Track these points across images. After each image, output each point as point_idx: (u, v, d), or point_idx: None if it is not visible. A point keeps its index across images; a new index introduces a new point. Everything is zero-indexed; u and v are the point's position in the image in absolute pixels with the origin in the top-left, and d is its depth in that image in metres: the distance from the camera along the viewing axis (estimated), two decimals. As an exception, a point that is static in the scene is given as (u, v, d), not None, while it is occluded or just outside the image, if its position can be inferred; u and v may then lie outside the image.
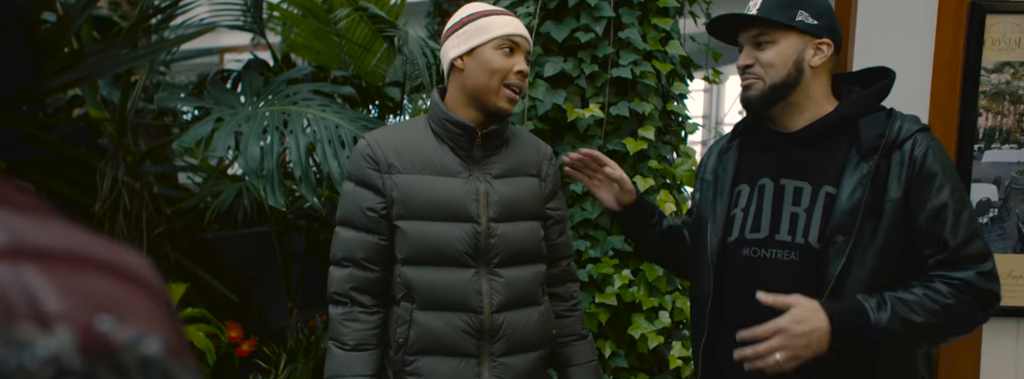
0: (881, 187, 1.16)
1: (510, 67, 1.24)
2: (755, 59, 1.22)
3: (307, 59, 3.09)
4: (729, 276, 1.29)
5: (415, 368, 1.27)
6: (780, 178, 1.25)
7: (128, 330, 0.21)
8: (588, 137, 2.05)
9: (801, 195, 1.22)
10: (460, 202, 1.25)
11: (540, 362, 1.33)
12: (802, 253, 1.20)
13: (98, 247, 0.23)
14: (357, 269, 1.28)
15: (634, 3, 2.05)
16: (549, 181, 1.36)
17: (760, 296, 1.14)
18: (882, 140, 1.17)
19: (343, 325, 1.28)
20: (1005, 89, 1.55)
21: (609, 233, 2.09)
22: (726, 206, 1.31)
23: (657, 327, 2.03)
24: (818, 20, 1.21)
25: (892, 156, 1.17)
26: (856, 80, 1.29)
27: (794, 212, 1.22)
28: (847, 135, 1.21)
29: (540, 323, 1.32)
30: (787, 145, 1.25)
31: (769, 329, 1.12)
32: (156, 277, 0.25)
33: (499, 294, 1.26)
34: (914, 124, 1.20)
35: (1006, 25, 1.53)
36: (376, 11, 2.60)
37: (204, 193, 2.61)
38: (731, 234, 1.28)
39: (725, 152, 1.37)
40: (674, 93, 2.19)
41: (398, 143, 1.28)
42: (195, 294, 2.55)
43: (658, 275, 2.06)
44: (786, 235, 1.22)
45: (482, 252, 1.26)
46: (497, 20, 1.26)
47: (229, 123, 2.09)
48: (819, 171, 1.22)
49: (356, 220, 1.28)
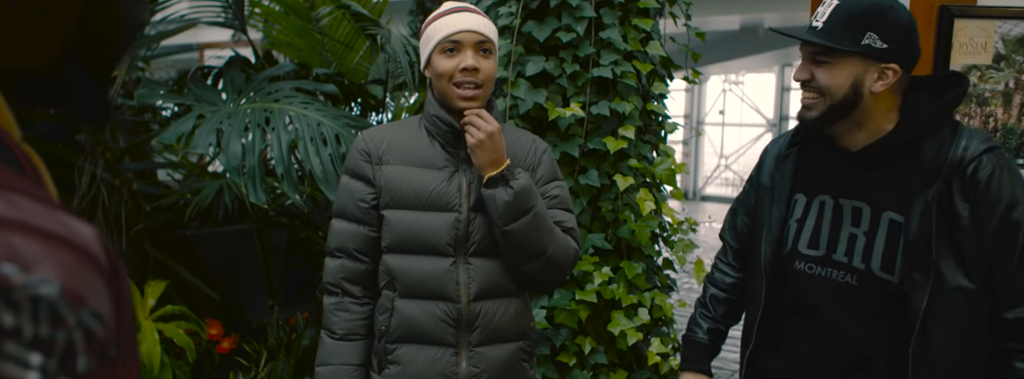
0: (950, 213, 1.11)
1: (454, 67, 1.27)
2: (811, 75, 1.16)
3: (289, 56, 3.08)
4: (789, 288, 1.27)
5: (395, 356, 1.30)
6: (839, 197, 1.21)
7: (28, 276, 0.26)
8: (569, 136, 2.08)
9: (860, 216, 1.19)
10: (442, 192, 1.29)
11: (517, 353, 1.35)
12: (861, 278, 1.17)
13: (41, 217, 0.28)
14: (349, 260, 1.32)
15: (615, 4, 2.08)
16: (541, 168, 1.38)
17: None
18: (945, 164, 1.11)
19: (334, 315, 1.33)
20: (972, 91, 1.60)
21: (589, 231, 2.11)
22: (782, 215, 1.28)
23: (636, 324, 2.06)
24: (889, 43, 1.12)
25: (954, 180, 1.11)
26: (926, 86, 1.20)
27: (853, 233, 1.19)
28: (909, 156, 1.15)
29: (517, 314, 1.34)
30: (847, 163, 1.21)
31: None
32: (98, 247, 0.31)
33: (475, 283, 1.29)
34: (981, 144, 1.12)
35: (973, 30, 1.57)
36: (359, 9, 2.60)
37: (184, 190, 2.60)
38: (786, 245, 1.26)
39: (784, 159, 1.31)
40: (654, 93, 2.22)
41: (392, 138, 1.33)
42: (175, 291, 2.53)
43: (637, 273, 2.10)
44: (843, 256, 1.19)
45: (461, 241, 1.29)
46: (438, 24, 1.30)
47: (210, 120, 2.08)
48: (879, 193, 1.17)
49: (349, 212, 1.32)
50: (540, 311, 2.04)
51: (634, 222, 2.12)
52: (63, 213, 0.30)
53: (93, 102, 0.41)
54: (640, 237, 2.11)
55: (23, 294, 0.26)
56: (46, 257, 0.27)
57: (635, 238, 2.12)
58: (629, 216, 2.13)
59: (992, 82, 1.60)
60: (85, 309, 0.28)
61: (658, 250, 2.27)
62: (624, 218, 2.12)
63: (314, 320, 2.66)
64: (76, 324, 0.27)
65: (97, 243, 0.31)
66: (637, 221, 2.13)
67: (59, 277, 0.27)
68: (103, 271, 0.30)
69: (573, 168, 2.10)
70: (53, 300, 0.26)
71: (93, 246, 0.30)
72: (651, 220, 2.13)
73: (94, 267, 0.29)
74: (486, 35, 1.29)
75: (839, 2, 1.14)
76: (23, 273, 0.26)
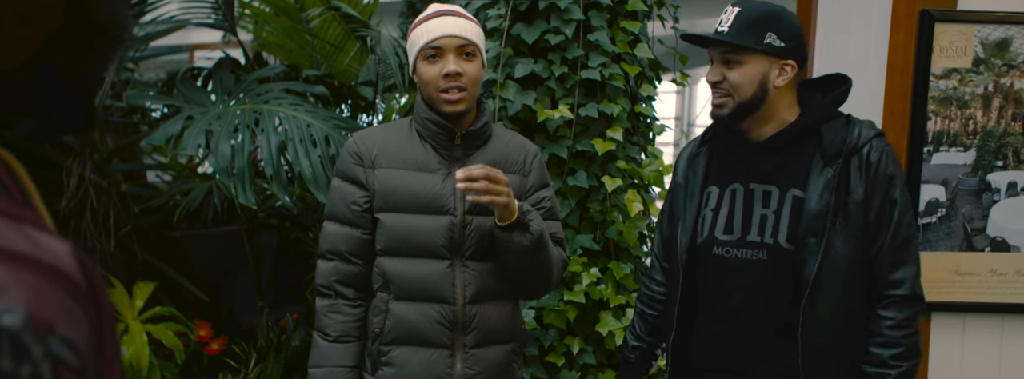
0: (845, 189, 1.26)
1: (437, 73, 1.28)
2: (723, 77, 1.29)
3: (279, 58, 3.08)
4: (700, 274, 1.36)
5: (389, 358, 1.30)
6: (750, 183, 1.33)
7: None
8: (557, 137, 2.09)
9: (770, 198, 1.31)
10: (437, 196, 1.29)
11: (511, 355, 1.37)
12: (771, 252, 1.29)
13: (10, 240, 0.27)
14: (341, 262, 1.32)
15: (603, 6, 2.09)
16: (532, 175, 1.39)
17: None
18: (844, 145, 1.26)
19: (327, 317, 1.33)
20: (952, 94, 1.62)
21: (578, 232, 2.13)
22: (696, 208, 1.38)
23: (624, 324, 2.08)
24: (786, 42, 1.28)
25: (851, 160, 1.26)
26: (816, 86, 1.37)
27: (763, 214, 1.31)
28: (810, 141, 1.30)
29: (511, 317, 1.36)
30: (756, 152, 1.34)
31: None
32: (72, 264, 0.29)
33: (472, 285, 1.30)
34: (871, 130, 1.29)
35: (953, 33, 1.60)
36: (349, 11, 2.60)
37: (173, 191, 2.59)
38: (702, 234, 1.36)
39: (695, 156, 1.44)
40: (642, 95, 2.24)
41: (383, 141, 1.33)
42: (164, 293, 2.52)
43: (625, 273, 2.11)
44: (756, 236, 1.30)
45: (457, 244, 1.29)
46: (419, 30, 1.31)
47: (200, 121, 2.08)
48: (786, 175, 1.30)
49: (341, 215, 1.33)
50: (529, 312, 2.05)
51: (622, 223, 2.14)
52: (33, 229, 0.28)
53: (73, 110, 0.40)
54: (628, 238, 2.13)
55: None
56: (10, 281, 0.25)
57: (623, 239, 2.14)
58: (617, 217, 2.14)
59: (972, 85, 1.63)
60: (54, 337, 0.26)
61: (646, 251, 2.29)
62: (612, 219, 2.14)
63: (304, 321, 2.66)
64: (43, 355, 0.25)
65: (71, 260, 0.29)
66: (625, 222, 2.15)
67: (24, 304, 0.25)
68: (78, 290, 0.28)
69: (561, 169, 2.11)
70: (16, 331, 0.24)
71: (65, 264, 0.28)
72: (639, 221, 2.15)
73: (66, 287, 0.28)
74: (467, 38, 1.28)
75: (740, 8, 1.29)
76: None
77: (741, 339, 1.32)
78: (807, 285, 1.24)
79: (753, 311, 1.31)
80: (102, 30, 0.39)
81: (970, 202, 1.66)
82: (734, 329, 1.32)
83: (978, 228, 1.67)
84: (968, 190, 1.66)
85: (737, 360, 1.33)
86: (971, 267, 1.67)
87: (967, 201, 1.66)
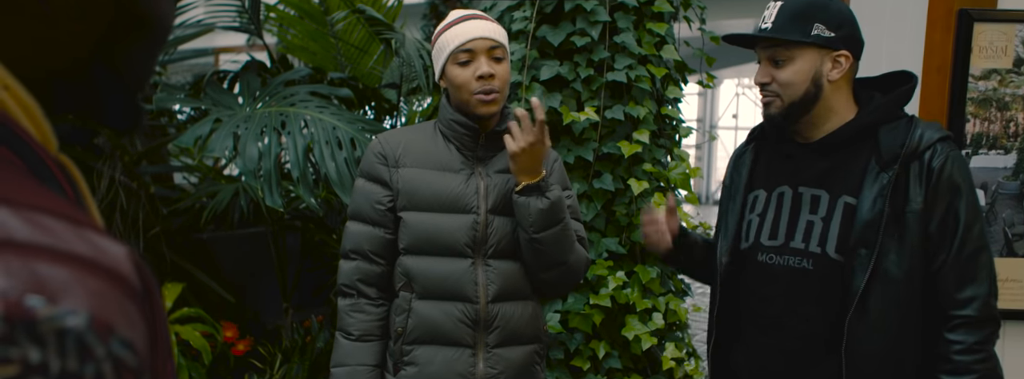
0: (902, 197, 1.15)
1: (470, 76, 1.29)
2: (772, 77, 1.21)
3: (303, 60, 3.10)
4: (745, 281, 1.30)
5: (412, 358, 1.31)
6: (799, 186, 1.25)
7: (55, 307, 0.25)
8: (583, 140, 2.08)
9: (818, 203, 1.22)
10: (460, 195, 1.30)
11: (533, 356, 1.37)
12: (817, 262, 1.20)
13: (73, 243, 0.28)
14: (364, 262, 1.33)
15: (629, 8, 2.07)
16: (552, 178, 1.40)
17: None
18: (902, 149, 1.16)
19: (349, 316, 1.34)
20: (992, 96, 1.58)
21: (603, 235, 2.11)
22: (739, 211, 1.32)
23: (651, 328, 2.06)
24: (836, 31, 1.19)
25: (912, 166, 1.16)
26: (876, 85, 1.27)
27: (810, 220, 1.22)
28: (867, 143, 1.20)
29: (532, 317, 1.36)
30: (807, 153, 1.25)
31: None
32: (130, 267, 0.30)
33: (494, 284, 1.30)
34: (936, 132, 1.17)
35: (993, 33, 1.56)
36: (373, 13, 2.61)
37: (200, 193, 2.62)
38: (747, 239, 1.29)
39: (740, 156, 1.37)
40: (668, 97, 2.21)
41: (407, 141, 1.35)
42: (191, 294, 2.55)
43: (651, 277, 2.09)
44: (800, 242, 1.22)
45: (479, 243, 1.30)
46: (449, 34, 1.31)
47: (227, 124, 2.10)
48: (838, 180, 1.21)
49: (365, 214, 1.34)
50: (554, 315, 2.04)
51: (648, 226, 2.12)
52: (92, 232, 0.29)
53: (123, 109, 0.40)
54: (654, 241, 2.11)
55: (49, 327, 0.25)
56: (74, 284, 0.26)
57: (649, 242, 2.12)
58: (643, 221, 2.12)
59: (1012, 86, 1.58)
60: (115, 338, 0.27)
61: (672, 254, 2.26)
62: (638, 222, 2.12)
63: (328, 323, 2.67)
64: (105, 355, 0.26)
65: (128, 264, 0.30)
66: (651, 225, 2.13)
67: (87, 306, 0.26)
68: (135, 293, 0.29)
69: (587, 172, 2.10)
70: (81, 332, 0.26)
71: (124, 267, 0.29)
72: (665, 224, 2.13)
73: (125, 290, 0.29)
74: (498, 40, 1.30)
75: (782, 2, 1.20)
76: (49, 305, 0.25)
77: (783, 351, 1.25)
78: (854, 298, 1.15)
79: (796, 322, 1.23)
80: (150, 26, 0.39)
81: (1011, 206, 1.61)
82: (776, 340, 1.25)
83: (1019, 233, 1.62)
84: (1009, 194, 1.61)
85: (779, 372, 1.26)
86: (1012, 273, 1.62)
87: (1008, 205, 1.62)
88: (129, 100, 0.40)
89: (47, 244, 0.27)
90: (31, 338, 0.25)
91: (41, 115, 0.35)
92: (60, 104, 0.38)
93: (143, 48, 0.39)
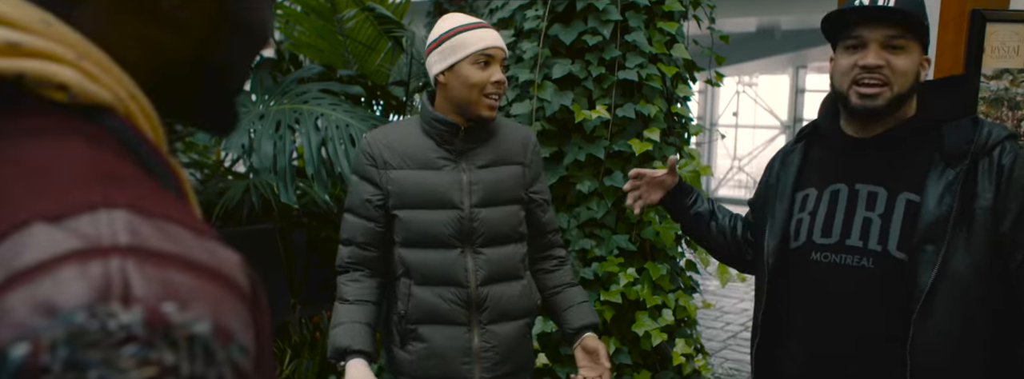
0: (970, 194, 1.12)
1: (486, 79, 1.37)
2: (887, 62, 1.14)
3: (311, 58, 3.10)
4: (794, 281, 1.26)
5: (417, 334, 1.44)
6: (855, 183, 1.21)
7: (186, 314, 0.27)
8: (595, 138, 2.09)
9: (876, 200, 1.18)
10: (445, 192, 1.40)
11: (524, 328, 1.49)
12: (878, 260, 1.16)
13: (196, 251, 0.30)
14: (358, 248, 1.47)
15: (640, 7, 2.09)
16: (533, 167, 1.50)
17: None
18: (970, 146, 1.13)
19: (345, 285, 1.47)
20: (1003, 95, 1.60)
21: (614, 232, 2.12)
22: (787, 210, 1.29)
23: (660, 324, 2.07)
24: (929, 33, 1.17)
25: (980, 163, 1.13)
26: (936, 86, 1.24)
27: (867, 217, 1.18)
28: (929, 141, 1.17)
29: (522, 295, 1.47)
30: (864, 150, 1.21)
31: None
32: (242, 275, 0.32)
33: (483, 270, 1.43)
34: (1002, 131, 1.15)
35: (1005, 33, 1.57)
36: (383, 11, 2.62)
37: (210, 190, 2.63)
38: (798, 238, 1.26)
39: (788, 154, 1.34)
40: (678, 95, 2.23)
41: (392, 141, 1.44)
42: (201, 290, 2.55)
43: (662, 274, 2.11)
44: (858, 240, 1.19)
45: (466, 234, 1.41)
46: (471, 36, 1.38)
47: (242, 121, 2.11)
48: (897, 176, 1.18)
49: (358, 208, 1.45)
50: (565, 312, 2.06)
51: (658, 224, 2.13)
52: (210, 240, 0.31)
53: (221, 113, 0.42)
54: (664, 239, 2.13)
55: (181, 333, 0.27)
56: (199, 291, 0.28)
57: (659, 240, 2.14)
58: (653, 218, 2.14)
59: (1024, 86, 1.60)
60: (233, 344, 0.29)
61: (682, 251, 2.28)
62: (648, 220, 2.14)
63: (337, 319, 2.68)
64: (226, 360, 0.28)
65: (241, 271, 0.32)
66: (661, 222, 2.14)
67: (210, 313, 0.28)
68: (247, 300, 0.31)
69: (598, 170, 2.11)
70: (207, 338, 0.28)
71: (238, 275, 0.31)
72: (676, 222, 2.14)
73: (239, 297, 0.30)
74: (506, 53, 1.42)
75: None
76: (181, 311, 0.27)
77: (837, 354, 1.20)
78: (920, 297, 1.11)
79: (856, 322, 1.19)
80: (254, 32, 0.40)
81: (1020, 205, 1.63)
82: (829, 342, 1.21)
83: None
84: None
85: (830, 375, 1.22)
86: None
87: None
88: (228, 105, 0.42)
89: (175, 252, 0.29)
90: (167, 342, 0.27)
91: (158, 122, 0.36)
92: (167, 109, 0.39)
93: (245, 54, 0.41)
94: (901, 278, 1.15)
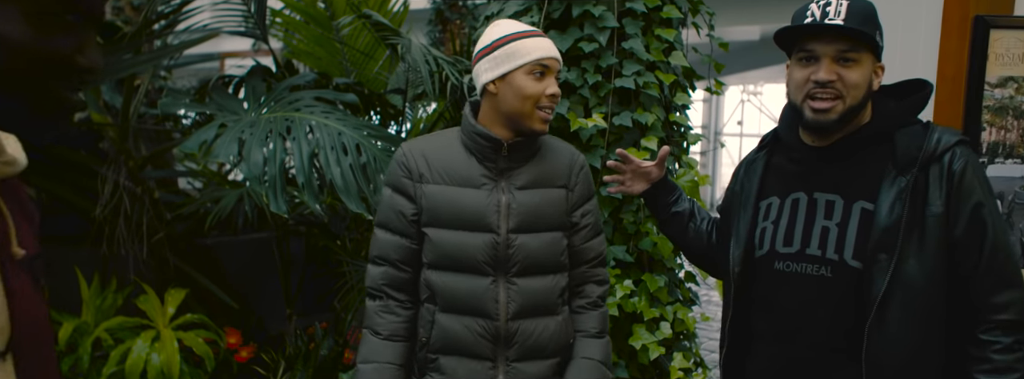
0: (921, 201, 1.13)
1: (541, 91, 1.28)
2: (838, 75, 1.15)
3: (309, 65, 3.09)
4: (759, 289, 1.28)
5: (437, 365, 1.34)
6: (813, 192, 1.22)
7: None
8: (591, 147, 2.05)
9: (833, 209, 1.20)
10: (481, 213, 1.30)
11: (554, 368, 1.36)
12: (836, 269, 1.18)
13: None
14: (391, 268, 1.36)
15: (638, 14, 2.06)
16: (577, 190, 1.39)
17: None
18: (920, 153, 1.14)
19: (379, 316, 1.36)
20: (1008, 104, 1.56)
21: (611, 243, 2.08)
22: (751, 219, 1.30)
23: (658, 338, 2.03)
24: (882, 41, 1.18)
25: (931, 169, 1.14)
26: (891, 93, 1.25)
27: (825, 226, 1.20)
28: (882, 148, 1.18)
29: (557, 332, 1.35)
30: (820, 158, 1.23)
31: None
32: None
33: (515, 302, 1.31)
34: (953, 136, 1.16)
35: (1010, 40, 1.53)
36: (380, 19, 2.60)
37: (204, 198, 2.60)
38: (761, 247, 1.27)
39: (752, 162, 1.36)
40: (677, 104, 2.19)
41: (429, 153, 1.34)
42: (194, 300, 2.53)
43: (659, 286, 2.06)
44: (816, 249, 1.20)
45: (501, 261, 1.30)
46: (527, 44, 1.29)
47: (232, 129, 2.09)
48: (852, 185, 1.19)
49: (391, 224, 1.35)
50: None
51: (656, 234, 2.09)
52: None
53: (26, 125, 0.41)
54: (662, 250, 2.08)
55: None
56: None
57: (657, 250, 2.09)
58: (651, 228, 2.10)
59: (1030, 94, 1.56)
60: None
61: (681, 263, 2.24)
62: (646, 230, 2.09)
63: (332, 330, 2.64)
64: None
65: None
66: (659, 233, 2.10)
67: None
68: None
69: (595, 179, 2.07)
70: None
71: None
72: (674, 232, 2.10)
73: None
74: (561, 65, 1.33)
75: (848, 0, 1.15)
76: None
77: (801, 359, 1.23)
78: (874, 305, 1.13)
79: (814, 330, 1.21)
80: (89, 75, 0.40)
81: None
82: (794, 348, 1.23)
83: (1036, 243, 1.59)
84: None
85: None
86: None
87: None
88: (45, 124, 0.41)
89: None
90: None
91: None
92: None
93: (70, 87, 0.40)
94: (858, 286, 1.16)
